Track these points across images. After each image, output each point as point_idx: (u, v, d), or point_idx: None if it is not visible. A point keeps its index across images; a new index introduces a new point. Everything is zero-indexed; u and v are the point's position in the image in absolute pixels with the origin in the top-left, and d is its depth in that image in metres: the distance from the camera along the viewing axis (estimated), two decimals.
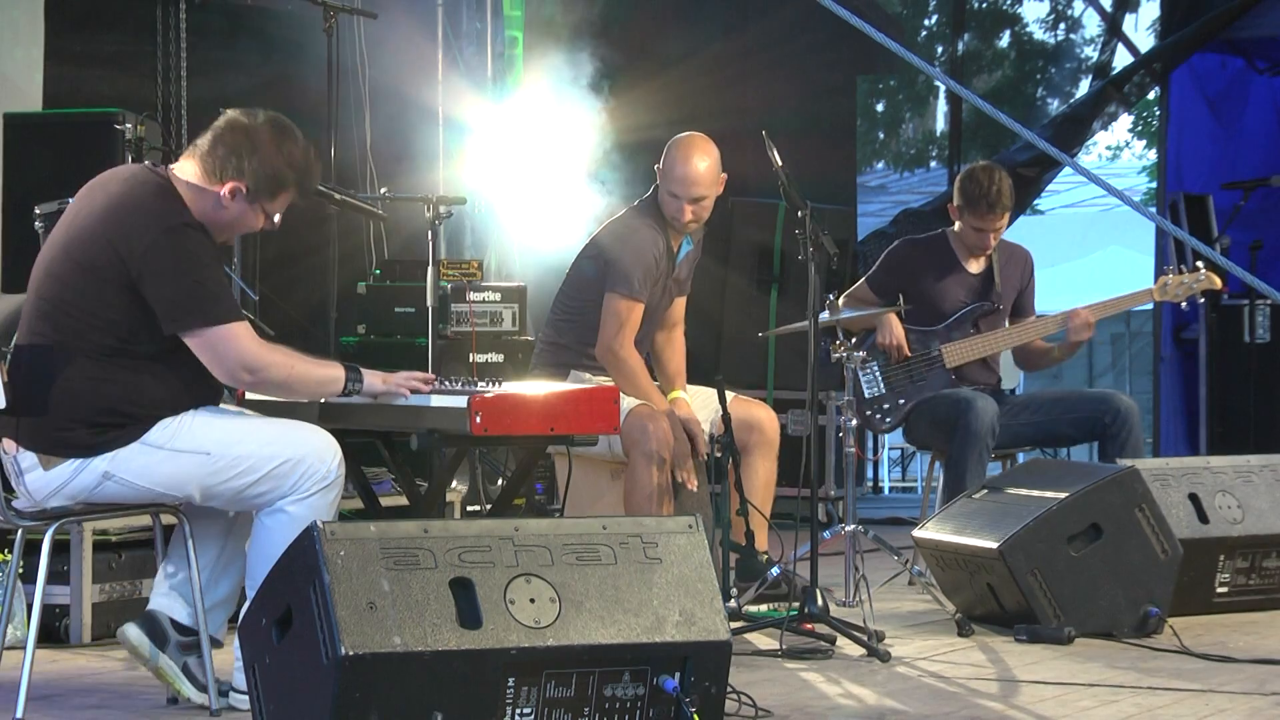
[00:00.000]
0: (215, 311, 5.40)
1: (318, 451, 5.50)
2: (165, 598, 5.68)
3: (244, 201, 5.53)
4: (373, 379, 5.65)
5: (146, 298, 5.37)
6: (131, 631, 5.61)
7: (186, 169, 5.56)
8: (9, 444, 5.48)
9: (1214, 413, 11.92)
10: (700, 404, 7.40)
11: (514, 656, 4.80)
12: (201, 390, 5.52)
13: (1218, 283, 8.41)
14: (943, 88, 24.09)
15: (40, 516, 5.53)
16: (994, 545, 6.92)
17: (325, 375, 5.60)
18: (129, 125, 7.74)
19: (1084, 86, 20.33)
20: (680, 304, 7.53)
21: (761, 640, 6.63)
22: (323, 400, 5.80)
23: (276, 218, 5.63)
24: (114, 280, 5.38)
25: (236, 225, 5.61)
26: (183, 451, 5.44)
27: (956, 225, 8.37)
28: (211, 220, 5.54)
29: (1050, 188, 18.52)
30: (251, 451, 5.45)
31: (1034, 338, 8.42)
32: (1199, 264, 8.35)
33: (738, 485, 6.94)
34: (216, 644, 5.63)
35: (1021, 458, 8.48)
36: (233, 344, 5.41)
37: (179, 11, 9.69)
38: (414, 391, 5.68)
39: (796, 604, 6.67)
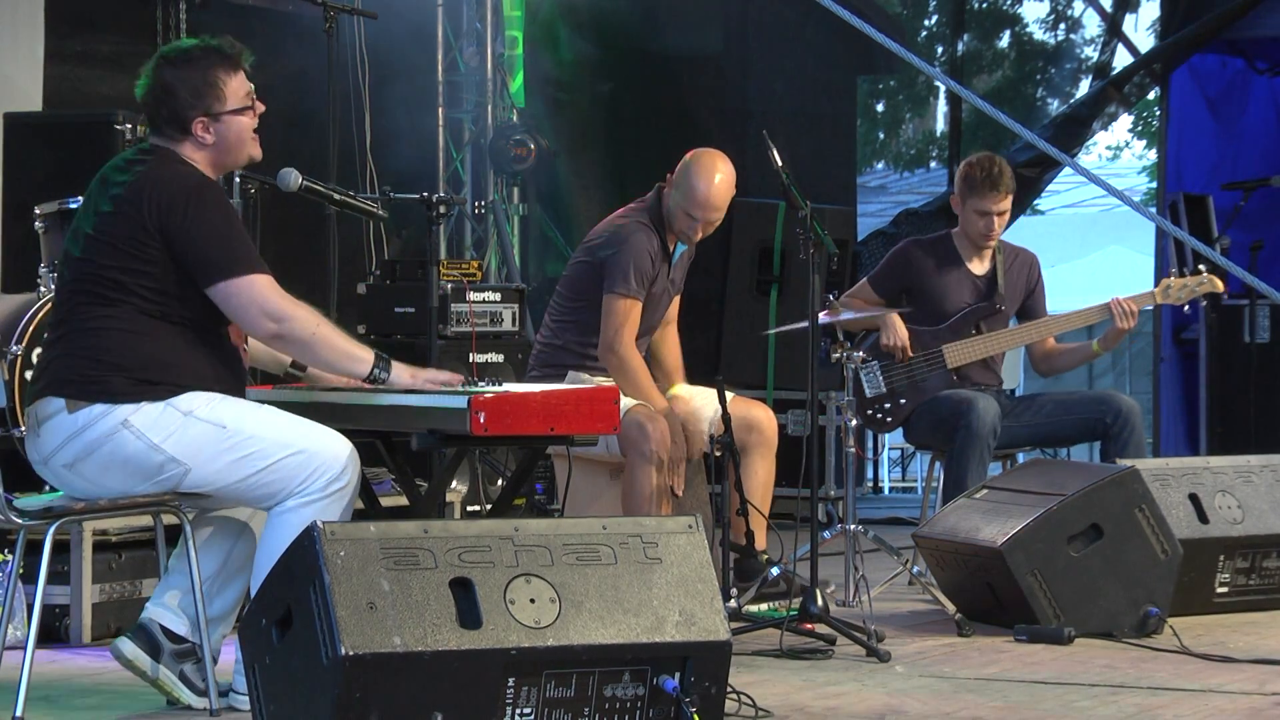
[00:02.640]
0: (236, 264, 5.43)
1: (332, 451, 5.49)
2: (156, 607, 5.67)
3: (214, 122, 5.58)
4: (400, 371, 5.64)
5: (177, 258, 5.41)
6: (126, 646, 5.59)
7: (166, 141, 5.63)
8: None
9: (1214, 413, 11.91)
10: (700, 403, 7.40)
11: (514, 656, 4.80)
12: (230, 378, 5.56)
13: (1220, 286, 8.40)
14: (943, 88, 24.09)
15: (41, 516, 5.53)
16: (994, 545, 6.93)
17: (352, 351, 5.59)
18: (129, 125, 7.74)
19: (1084, 87, 20.32)
20: (674, 302, 7.53)
21: (761, 640, 6.63)
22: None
23: (251, 100, 5.66)
24: (148, 248, 5.42)
25: (234, 140, 5.63)
26: (201, 420, 5.44)
27: (960, 219, 8.36)
28: (216, 156, 5.61)
29: (1050, 188, 18.51)
30: (265, 435, 5.45)
31: (1036, 338, 8.41)
32: (1201, 267, 8.34)
33: (737, 485, 6.94)
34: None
35: (1022, 458, 8.48)
36: (255, 292, 5.43)
37: (179, 11, 9.69)
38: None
39: (796, 603, 6.68)
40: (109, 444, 5.44)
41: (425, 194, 7.39)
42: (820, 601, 6.66)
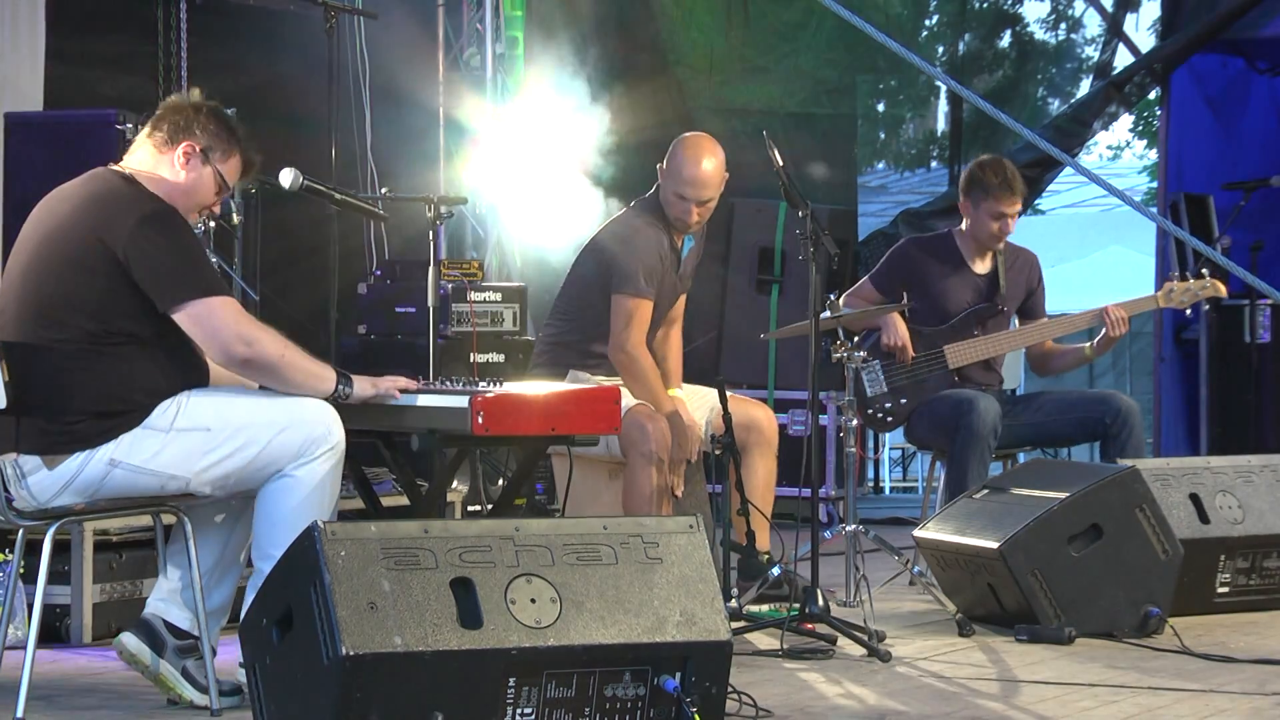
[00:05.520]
0: (201, 285, 5.43)
1: (318, 415, 5.53)
2: (160, 602, 5.68)
3: (199, 162, 5.62)
4: (362, 385, 5.66)
5: (137, 281, 5.41)
6: (129, 640, 5.61)
7: (138, 157, 5.65)
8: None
9: (1214, 413, 11.89)
10: (700, 403, 7.39)
11: (514, 657, 4.80)
12: (192, 372, 5.57)
13: (1222, 290, 8.41)
14: (943, 88, 24.08)
15: (41, 516, 5.53)
16: (995, 545, 6.93)
17: (317, 370, 5.60)
18: (129, 125, 7.73)
19: (1085, 86, 20.30)
20: (680, 301, 7.52)
21: (762, 640, 6.63)
22: None
23: (226, 190, 5.71)
24: (102, 269, 5.42)
25: (195, 193, 5.65)
26: (185, 430, 5.46)
27: (966, 222, 8.35)
28: (173, 194, 5.60)
29: (1051, 188, 18.48)
30: (251, 421, 5.48)
31: (1037, 340, 8.41)
32: (1204, 270, 8.34)
33: (738, 485, 6.94)
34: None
35: (1022, 458, 8.48)
36: (223, 315, 5.43)
37: (179, 11, 9.68)
38: (403, 391, 5.70)
39: (797, 604, 6.67)
40: (106, 485, 5.49)
41: (425, 194, 7.37)
42: (821, 601, 6.66)
